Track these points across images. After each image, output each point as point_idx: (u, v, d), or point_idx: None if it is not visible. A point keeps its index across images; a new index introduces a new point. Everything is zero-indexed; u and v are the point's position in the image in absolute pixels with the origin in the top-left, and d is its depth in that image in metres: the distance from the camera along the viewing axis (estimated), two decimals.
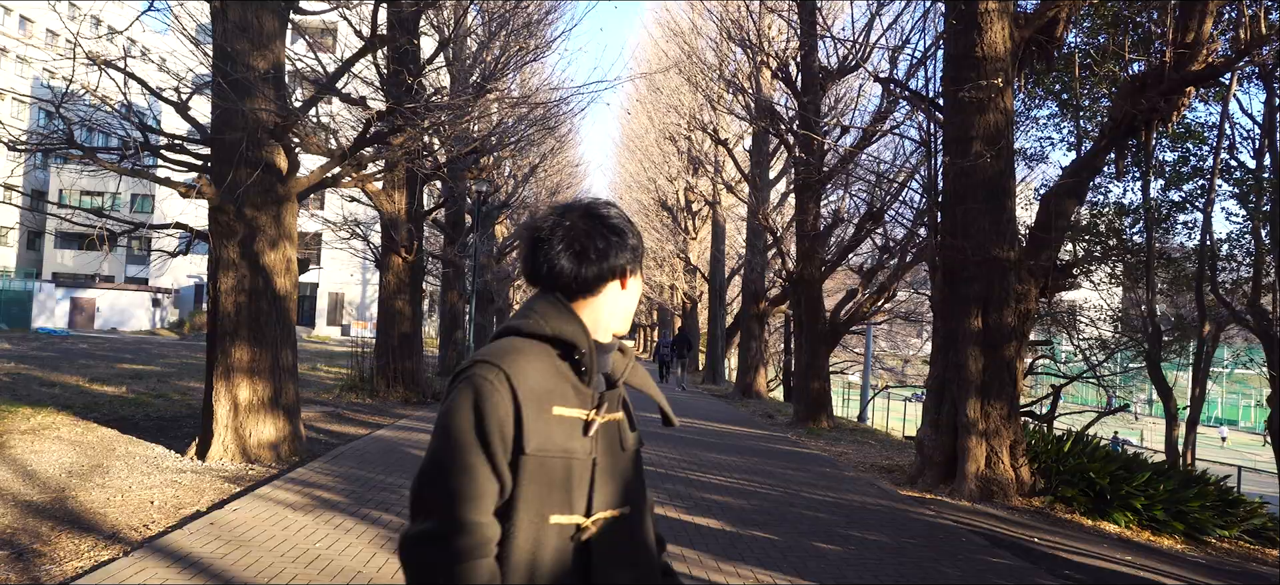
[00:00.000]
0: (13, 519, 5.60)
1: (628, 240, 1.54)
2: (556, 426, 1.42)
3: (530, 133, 16.47)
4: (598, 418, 1.46)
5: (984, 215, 8.79)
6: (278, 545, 5.11)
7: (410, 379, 14.52)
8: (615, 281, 1.54)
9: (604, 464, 1.47)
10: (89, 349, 23.77)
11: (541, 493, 1.40)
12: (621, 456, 1.52)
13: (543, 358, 1.46)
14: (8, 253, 57.89)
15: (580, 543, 1.42)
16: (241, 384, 7.99)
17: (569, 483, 1.42)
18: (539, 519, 1.39)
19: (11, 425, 9.20)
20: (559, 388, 1.45)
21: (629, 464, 1.54)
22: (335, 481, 7.24)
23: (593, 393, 1.49)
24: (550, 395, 1.43)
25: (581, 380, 1.48)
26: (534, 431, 1.39)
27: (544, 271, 1.51)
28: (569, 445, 1.42)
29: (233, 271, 8.01)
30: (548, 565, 1.39)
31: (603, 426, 1.47)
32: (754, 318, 22.59)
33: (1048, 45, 9.58)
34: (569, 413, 1.44)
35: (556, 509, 1.41)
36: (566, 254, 1.49)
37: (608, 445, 1.49)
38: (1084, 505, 8.47)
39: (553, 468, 1.40)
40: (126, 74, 7.78)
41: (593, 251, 1.50)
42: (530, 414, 1.39)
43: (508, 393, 1.39)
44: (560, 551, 1.40)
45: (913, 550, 6.22)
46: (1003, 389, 8.65)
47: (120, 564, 4.62)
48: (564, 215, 1.52)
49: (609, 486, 1.47)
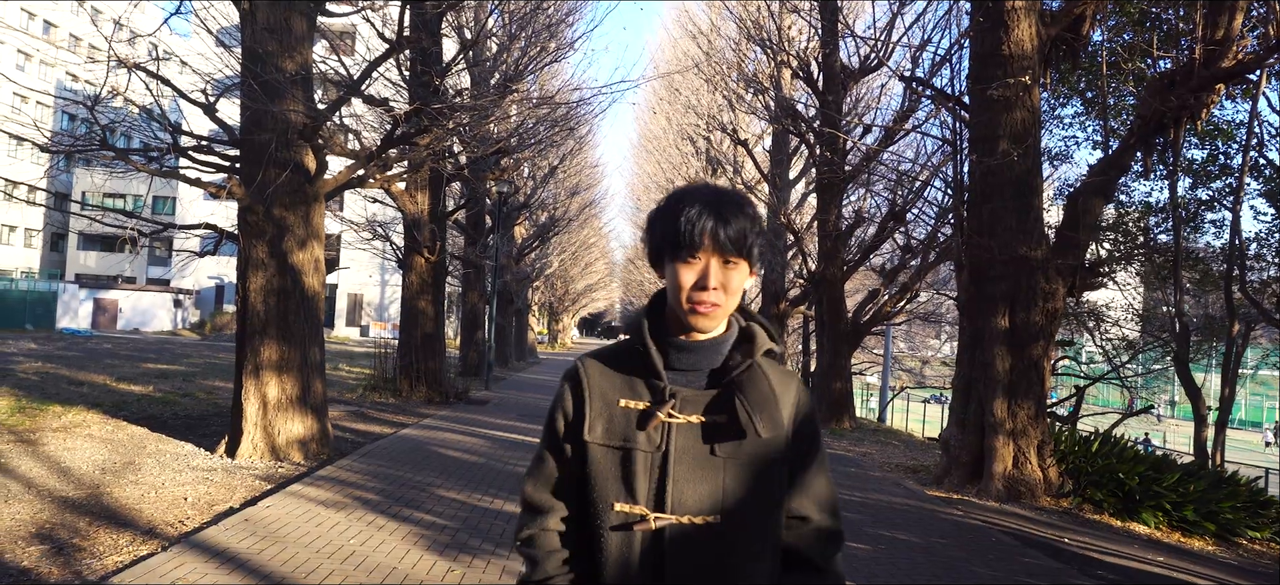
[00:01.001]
0: (51, 514, 5.68)
1: (655, 224, 1.52)
2: (621, 417, 1.46)
3: (551, 134, 16.51)
4: (661, 414, 1.43)
5: (1011, 214, 8.73)
6: (312, 541, 5.15)
7: (433, 379, 14.59)
8: (666, 263, 1.47)
9: (679, 463, 1.42)
10: (113, 349, 24.04)
11: (606, 479, 1.45)
12: (709, 461, 1.42)
13: (625, 351, 1.51)
14: (32, 254, 58.65)
15: (654, 536, 1.41)
16: (270, 382, 8.06)
17: (630, 472, 1.43)
18: (603, 504, 1.44)
19: (44, 423, 9.33)
20: (631, 381, 1.48)
21: (721, 471, 1.43)
22: (365, 479, 7.29)
23: (662, 387, 1.45)
24: (618, 387, 1.48)
25: (645, 374, 1.48)
26: (596, 421, 1.46)
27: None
28: (630, 435, 1.44)
29: (262, 271, 8.09)
30: (615, 549, 1.43)
31: (680, 427, 1.43)
32: (774, 319, 22.52)
33: (1074, 43, 9.52)
34: (632, 404, 1.46)
35: (619, 496, 1.44)
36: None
37: (685, 445, 1.43)
38: (1113, 506, 8.40)
39: (613, 457, 1.45)
40: (157, 78, 7.87)
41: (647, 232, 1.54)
42: (593, 408, 1.47)
43: (573, 393, 1.50)
44: (626, 539, 1.42)
45: (942, 550, 6.19)
46: (1030, 388, 8.59)
47: (159, 559, 4.67)
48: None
49: (684, 488, 1.41)
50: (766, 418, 1.44)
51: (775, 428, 1.45)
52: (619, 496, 1.43)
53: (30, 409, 10.13)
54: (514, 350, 30.05)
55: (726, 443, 1.43)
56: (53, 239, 60.12)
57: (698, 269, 1.42)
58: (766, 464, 1.45)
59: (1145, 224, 13.11)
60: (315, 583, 4.41)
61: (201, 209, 46.35)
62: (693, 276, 1.42)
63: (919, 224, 15.48)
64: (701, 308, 1.42)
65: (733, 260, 1.43)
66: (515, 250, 25.30)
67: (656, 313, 1.52)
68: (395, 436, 10.14)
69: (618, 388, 1.48)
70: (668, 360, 1.48)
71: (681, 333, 1.49)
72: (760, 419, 1.43)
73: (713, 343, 1.48)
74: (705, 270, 1.42)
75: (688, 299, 1.43)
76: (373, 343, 28.64)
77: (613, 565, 1.42)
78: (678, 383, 1.47)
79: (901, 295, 15.49)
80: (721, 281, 1.42)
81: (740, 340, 1.52)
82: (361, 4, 9.44)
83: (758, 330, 1.52)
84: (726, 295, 1.44)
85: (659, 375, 1.45)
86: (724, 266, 1.43)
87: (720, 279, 1.42)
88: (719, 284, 1.42)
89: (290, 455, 8.05)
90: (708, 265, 1.42)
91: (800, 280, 22.49)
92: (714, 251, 1.42)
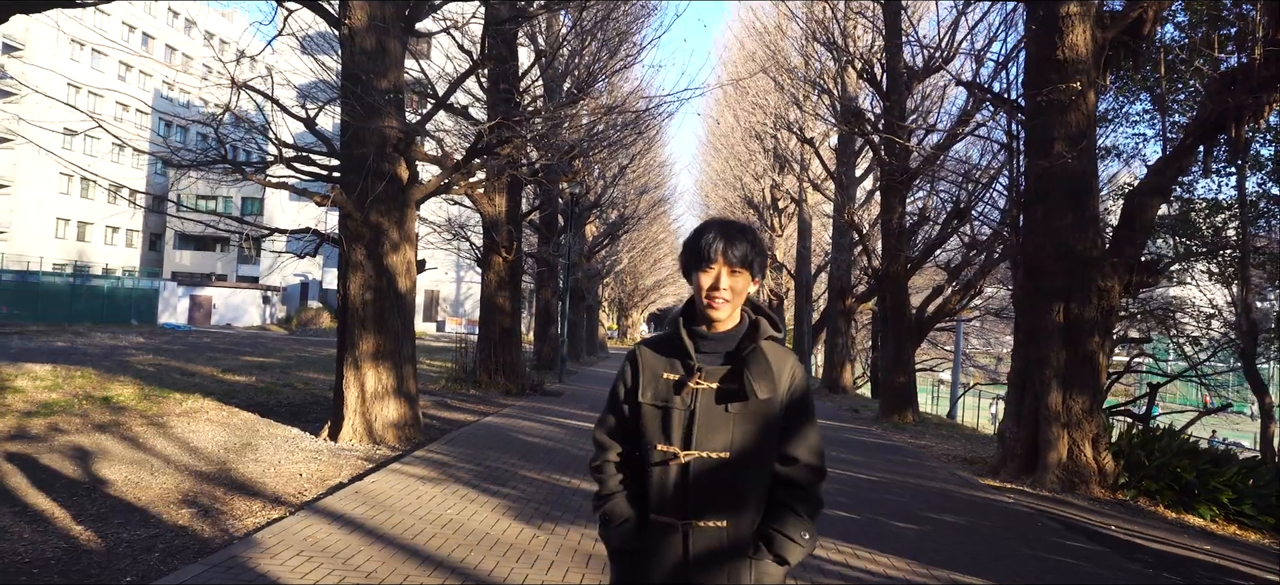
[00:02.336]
0: (191, 484, 6.55)
1: (686, 247, 2.16)
2: (664, 385, 2.11)
3: (621, 136, 17.16)
4: (691, 383, 2.07)
5: (1065, 213, 9.00)
6: (415, 510, 5.88)
7: (510, 371, 15.41)
8: (691, 273, 2.12)
9: (701, 417, 2.04)
10: (212, 343, 25.68)
11: (652, 427, 2.10)
12: (720, 416, 2.04)
13: (668, 339, 2.17)
14: (132, 253, 62.20)
15: (682, 467, 2.06)
16: (368, 372, 8.89)
17: (668, 423, 2.07)
18: (650, 445, 2.09)
19: (167, 409, 10.38)
20: (671, 360, 2.14)
21: (731, 423, 2.03)
22: (455, 460, 8.04)
23: (692, 364, 2.09)
24: (662, 364, 2.14)
25: (681, 355, 2.13)
26: (646, 387, 2.13)
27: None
28: (669, 398, 2.09)
29: (361, 272, 8.91)
30: (658, 476, 2.08)
31: (703, 392, 2.06)
32: (840, 314, 22.80)
33: (1135, 44, 9.69)
34: (671, 376, 2.11)
35: (660, 439, 2.08)
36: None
37: (707, 405, 2.05)
38: (1168, 498, 8.61)
39: (657, 412, 2.10)
40: (269, 98, 8.75)
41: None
42: (645, 378, 2.14)
43: (632, 366, 2.19)
44: (664, 469, 2.07)
45: (985, 531, 6.60)
46: (1085, 381, 8.85)
47: (289, 521, 5.45)
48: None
49: (704, 434, 2.03)
50: (764, 385, 2.06)
51: (771, 392, 2.07)
52: (660, 439, 2.08)
53: (154, 396, 11.23)
54: (585, 345, 30.90)
55: (735, 403, 2.06)
56: (150, 239, 63.66)
57: (713, 275, 2.07)
58: (763, 418, 2.07)
59: (1214, 221, 13.04)
60: (423, 543, 5.12)
61: (288, 210, 48.62)
62: (709, 281, 2.07)
63: (983, 222, 15.63)
64: (715, 303, 2.07)
65: (738, 270, 2.06)
66: (586, 248, 26.07)
67: (689, 312, 2.19)
68: (478, 423, 10.92)
69: (662, 364, 2.14)
70: (697, 346, 2.11)
71: (706, 326, 2.12)
72: (759, 385, 2.06)
73: (728, 333, 2.12)
74: (717, 276, 2.06)
75: (706, 297, 2.07)
76: (450, 337, 29.85)
77: (656, 486, 2.08)
78: (704, 361, 2.10)
79: (965, 292, 15.66)
80: (729, 285, 2.06)
81: (750, 329, 2.14)
82: (447, 23, 10.22)
83: (763, 322, 2.17)
84: (733, 295, 2.08)
85: (690, 356, 2.12)
86: (732, 274, 2.06)
87: (728, 283, 2.06)
88: (728, 287, 2.06)
89: (386, 439, 8.86)
90: (719, 273, 2.06)
91: (866, 276, 22.70)
92: (724, 264, 2.05)
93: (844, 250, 22.62)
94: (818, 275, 32.22)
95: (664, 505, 2.07)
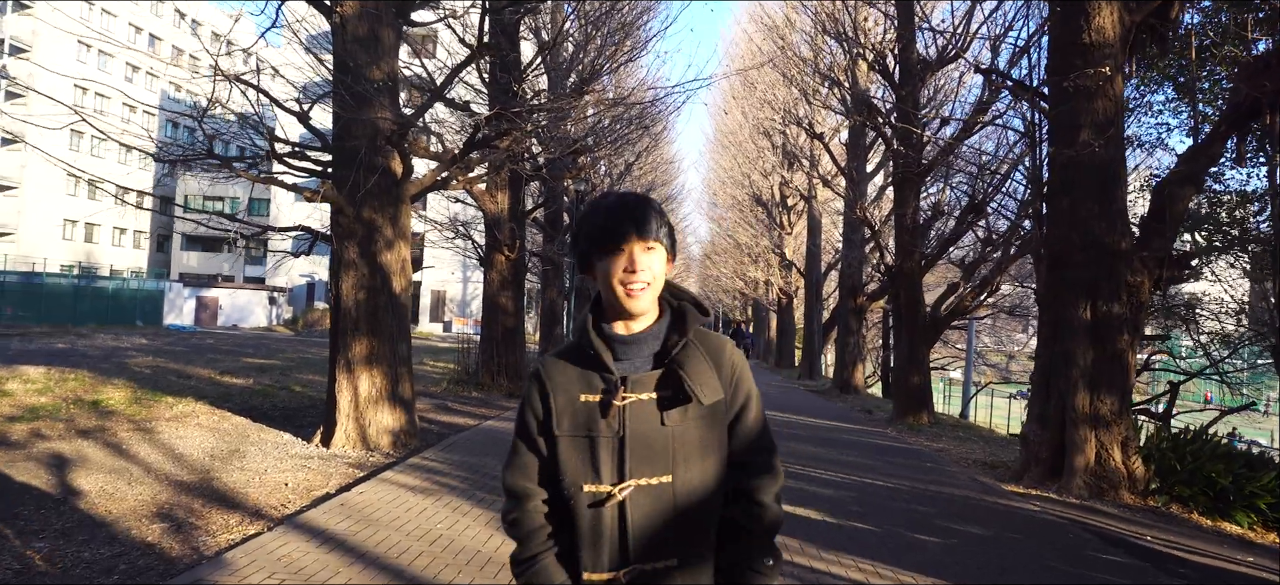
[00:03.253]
0: (169, 495, 6.18)
1: (580, 233, 1.73)
2: (583, 411, 1.66)
3: (626, 132, 16.75)
4: (615, 401, 1.63)
5: (1092, 204, 8.56)
6: (403, 525, 5.50)
7: (514, 372, 15.03)
8: (595, 262, 1.68)
9: (635, 439, 1.62)
10: (215, 344, 25.41)
11: (575, 465, 1.65)
12: (660, 431, 1.62)
13: (579, 349, 1.71)
14: (140, 255, 62.21)
15: (619, 506, 1.62)
16: (362, 376, 8.51)
17: (595, 456, 1.64)
18: (574, 487, 1.65)
19: (158, 412, 10.04)
20: (587, 376, 1.68)
21: (670, 438, 1.63)
22: (450, 468, 7.66)
23: (613, 379, 1.65)
24: (577, 383, 1.68)
25: (596, 367, 1.68)
26: (562, 416, 1.67)
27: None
28: (593, 426, 1.65)
29: (353, 271, 8.54)
30: (588, 521, 1.64)
31: (631, 407, 1.63)
32: (852, 312, 22.36)
33: (1162, 27, 9.24)
34: (592, 398, 1.66)
35: (587, 477, 1.64)
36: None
37: (638, 423, 1.63)
38: (1203, 504, 8.16)
39: (580, 445, 1.65)
40: (257, 89, 8.38)
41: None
42: (559, 404, 1.67)
43: (539, 393, 1.70)
44: (597, 513, 1.63)
45: (1014, 544, 6.17)
46: (1114, 381, 8.41)
47: (266, 538, 5.07)
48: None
49: (640, 459, 1.62)
50: (707, 386, 1.66)
51: (715, 393, 1.67)
52: (587, 478, 1.64)
53: (145, 400, 10.90)
54: None
55: (673, 410, 1.64)
56: (158, 240, 63.65)
57: (624, 257, 1.64)
58: (707, 426, 1.67)
59: (1242, 213, 12.54)
60: (407, 562, 4.73)
61: (293, 211, 48.40)
62: (622, 264, 1.64)
63: (1000, 216, 15.17)
64: (632, 290, 1.64)
65: (653, 246, 1.65)
66: None
67: (598, 313, 1.73)
68: (478, 428, 10.54)
69: (576, 383, 1.68)
70: (615, 353, 1.68)
71: (622, 324, 1.69)
72: (701, 388, 1.65)
73: (650, 331, 1.69)
74: (630, 257, 1.64)
75: (620, 284, 1.64)
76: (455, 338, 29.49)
77: (587, 535, 1.64)
78: (625, 369, 1.68)
79: (981, 289, 15.20)
80: (645, 264, 1.64)
81: (675, 321, 1.72)
82: (444, 13, 9.83)
83: (688, 310, 1.73)
84: (653, 278, 1.66)
85: (609, 369, 1.66)
86: (647, 251, 1.65)
87: (645, 263, 1.64)
88: (645, 266, 1.64)
89: (380, 445, 8.49)
90: (632, 252, 1.64)
91: (878, 274, 22.25)
92: (637, 238, 1.63)
93: (855, 247, 22.16)
94: (828, 273, 31.76)
95: (600, 557, 1.64)
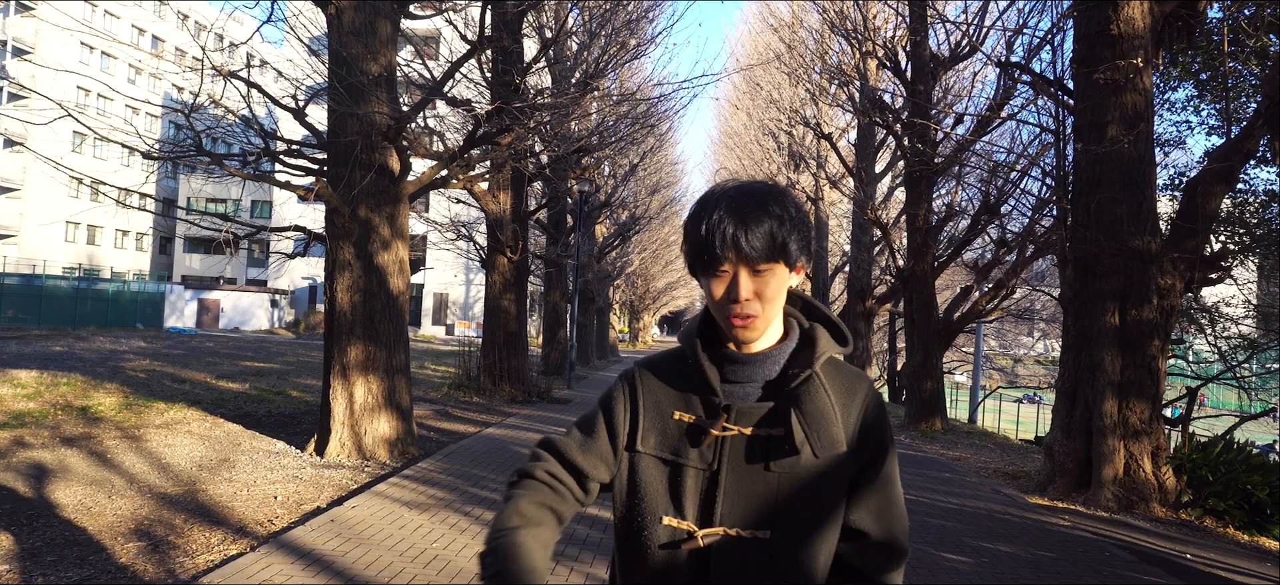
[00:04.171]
0: (150, 510, 5.82)
1: (686, 236, 1.38)
2: (675, 430, 1.38)
3: (631, 131, 16.41)
4: (714, 430, 1.33)
5: (1121, 203, 8.18)
6: (395, 544, 5.13)
7: (516, 377, 14.67)
8: (699, 277, 1.37)
9: (731, 479, 1.33)
10: (215, 347, 25.08)
11: (655, 491, 1.37)
12: (762, 478, 1.33)
13: (680, 362, 1.43)
14: (142, 257, 61.98)
15: (699, 553, 1.34)
16: (357, 383, 8.15)
17: (679, 487, 1.36)
18: (649, 518, 1.37)
19: (148, 419, 9.69)
20: (686, 395, 1.40)
21: (775, 487, 1.33)
22: (448, 479, 7.29)
23: (717, 402, 1.35)
24: (672, 399, 1.40)
25: (699, 388, 1.39)
26: (649, 432, 1.39)
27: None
28: (682, 450, 1.37)
29: (348, 272, 8.19)
30: (660, 563, 1.36)
31: (732, 441, 1.34)
32: (860, 316, 21.96)
33: (1191, 20, 8.86)
34: (687, 418, 1.38)
35: (667, 510, 1.36)
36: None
37: (737, 461, 1.34)
38: (1239, 518, 7.78)
39: (663, 470, 1.38)
40: (248, 83, 8.04)
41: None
42: (647, 419, 1.40)
43: (629, 397, 1.42)
44: (672, 555, 1.35)
45: (1050, 565, 5.79)
46: (1144, 389, 8.03)
47: (248, 559, 4.71)
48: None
49: (734, 504, 1.33)
50: (823, 436, 1.33)
51: (832, 446, 1.34)
52: (666, 510, 1.36)
53: (136, 405, 10.55)
54: (595, 349, 30.17)
55: (782, 459, 1.33)
56: (161, 243, 63.45)
57: (726, 281, 1.31)
58: (823, 481, 1.34)
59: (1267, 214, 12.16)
60: None
61: (296, 212, 48.11)
62: (722, 290, 1.32)
63: (1014, 217, 14.79)
64: (737, 321, 1.32)
65: (763, 267, 1.30)
66: (596, 249, 25.33)
67: (709, 323, 1.42)
68: (478, 436, 10.17)
69: (672, 399, 1.40)
70: (723, 373, 1.38)
71: (734, 344, 1.37)
72: (815, 437, 1.32)
73: (768, 353, 1.38)
74: (734, 281, 1.30)
75: (722, 312, 1.33)
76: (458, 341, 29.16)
77: (656, 577, 1.36)
78: (733, 395, 1.37)
79: (996, 292, 14.81)
80: (754, 291, 1.30)
81: (802, 345, 1.40)
82: (444, 5, 9.49)
83: (820, 334, 1.40)
84: (763, 303, 1.32)
85: (714, 390, 1.36)
86: (753, 276, 1.30)
87: (753, 289, 1.30)
88: (751, 294, 1.30)
89: (377, 454, 8.13)
90: (736, 276, 1.30)
91: (888, 276, 21.86)
92: (740, 262, 1.29)
93: (864, 249, 21.77)
94: (835, 276, 31.37)
95: None
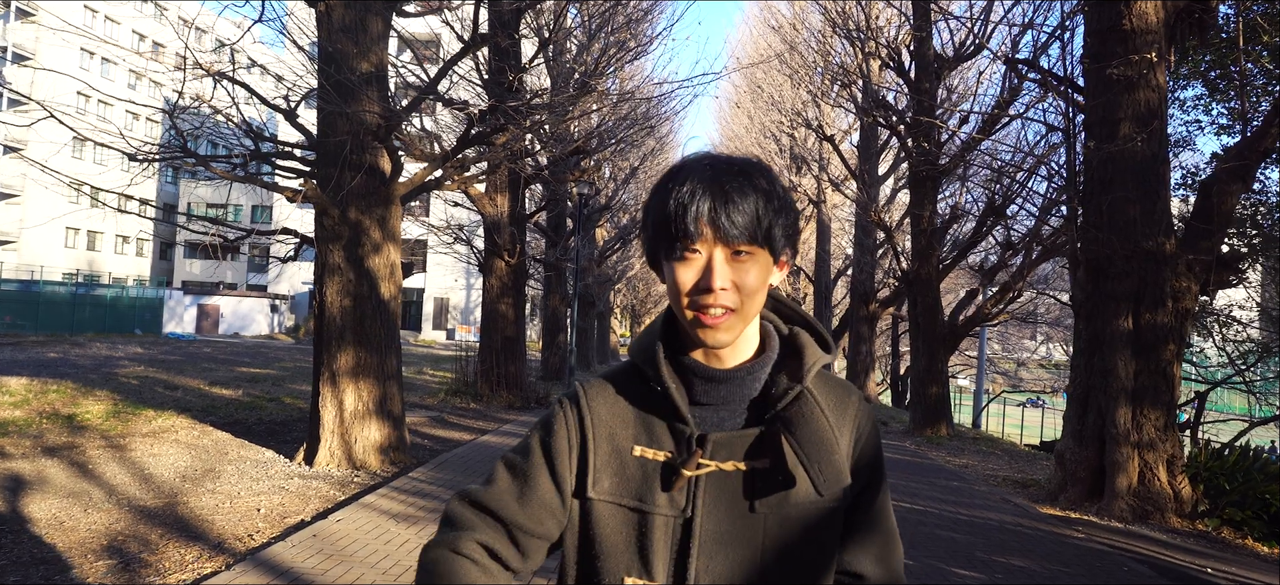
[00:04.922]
0: (126, 524, 5.59)
1: (648, 213, 1.13)
2: (635, 470, 1.12)
3: (630, 133, 16.18)
4: (688, 469, 1.08)
5: (1134, 203, 7.94)
6: (379, 561, 4.89)
7: (514, 383, 14.42)
8: (662, 263, 1.11)
9: (708, 526, 1.09)
10: (212, 353, 24.85)
11: (615, 544, 1.11)
12: (745, 520, 1.09)
13: (642, 381, 1.15)
14: (143, 263, 61.82)
15: None
16: (347, 390, 7.92)
17: (646, 539, 1.10)
18: (610, 579, 1.11)
19: (134, 428, 9.45)
20: (648, 421, 1.14)
21: (761, 532, 1.09)
22: (439, 490, 7.05)
23: (688, 433, 1.11)
24: (631, 428, 1.14)
25: (665, 413, 1.13)
26: (602, 472, 1.12)
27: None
28: (647, 494, 1.10)
29: (339, 276, 7.95)
30: None
31: (709, 478, 1.09)
32: (864, 320, 21.72)
33: (1204, 16, 8.63)
34: (651, 454, 1.12)
35: (632, 570, 1.10)
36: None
37: (715, 502, 1.09)
38: (1258, 529, 7.53)
39: (627, 519, 1.11)
40: (237, 83, 7.82)
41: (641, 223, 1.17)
42: (599, 456, 1.12)
43: (573, 428, 1.14)
44: None
45: (1067, 581, 5.54)
46: (1159, 396, 7.78)
47: (221, 579, 4.46)
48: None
49: (717, 556, 1.09)
50: (825, 466, 1.10)
51: (836, 480, 1.11)
52: (631, 570, 1.10)
53: (124, 413, 10.31)
54: (596, 354, 29.91)
55: (768, 497, 1.09)
56: (161, 248, 63.29)
57: (698, 265, 1.06)
58: (820, 518, 1.11)
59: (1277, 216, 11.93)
60: None
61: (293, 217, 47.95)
62: (692, 275, 1.06)
63: (1021, 219, 14.54)
64: (708, 316, 1.05)
65: (745, 250, 1.05)
66: (597, 253, 25.10)
67: (674, 332, 1.15)
68: (473, 444, 9.93)
69: (631, 429, 1.14)
70: (693, 394, 1.12)
71: (705, 355, 1.12)
72: (817, 470, 1.10)
73: (747, 367, 1.12)
74: (708, 266, 1.05)
75: (691, 305, 1.07)
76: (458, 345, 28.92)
77: None
78: (707, 421, 1.12)
79: (1003, 295, 14.56)
80: (732, 279, 1.06)
81: (785, 355, 1.15)
82: (438, 2, 9.27)
83: (805, 341, 1.16)
84: (741, 296, 1.06)
85: (683, 418, 1.11)
86: (734, 259, 1.06)
87: (729, 276, 1.06)
88: (728, 282, 1.05)
89: (367, 463, 7.89)
90: (711, 259, 1.05)
91: (891, 280, 21.62)
92: (717, 240, 1.05)
93: (867, 252, 21.54)
94: (837, 280, 31.13)
95: None
